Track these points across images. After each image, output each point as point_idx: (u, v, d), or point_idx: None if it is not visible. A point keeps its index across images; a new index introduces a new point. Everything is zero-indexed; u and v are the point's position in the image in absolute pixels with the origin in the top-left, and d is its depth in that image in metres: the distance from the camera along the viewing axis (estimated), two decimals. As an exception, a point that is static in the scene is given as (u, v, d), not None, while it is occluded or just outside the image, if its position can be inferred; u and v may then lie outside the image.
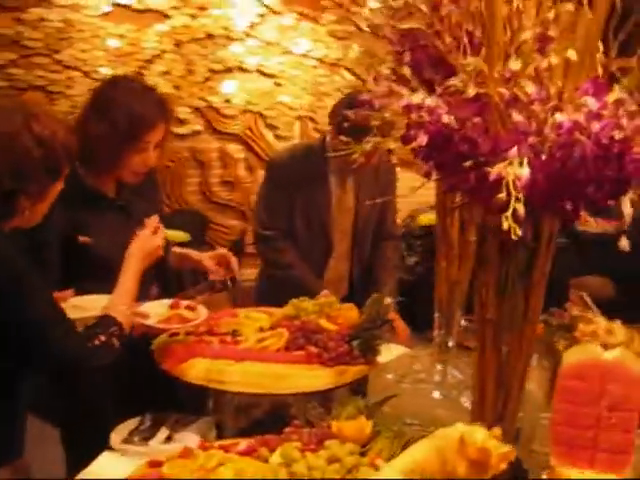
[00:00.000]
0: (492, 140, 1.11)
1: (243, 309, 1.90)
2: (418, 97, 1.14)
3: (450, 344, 1.69)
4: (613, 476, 0.93)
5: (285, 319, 1.71)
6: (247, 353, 1.59)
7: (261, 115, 4.29)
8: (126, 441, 1.56)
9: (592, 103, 1.00)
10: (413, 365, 1.76)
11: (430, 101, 1.15)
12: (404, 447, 1.29)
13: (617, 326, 1.49)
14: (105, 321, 1.48)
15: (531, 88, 1.07)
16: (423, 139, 1.16)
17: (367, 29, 1.34)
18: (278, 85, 4.29)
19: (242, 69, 4.16)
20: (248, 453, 1.31)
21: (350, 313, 1.72)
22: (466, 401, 1.61)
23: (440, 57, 1.41)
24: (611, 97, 1.00)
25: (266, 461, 1.27)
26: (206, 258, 1.94)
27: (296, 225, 2.38)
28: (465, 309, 1.73)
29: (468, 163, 1.14)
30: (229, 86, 4.08)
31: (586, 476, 0.93)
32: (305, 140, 4.35)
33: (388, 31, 1.52)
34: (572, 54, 1.02)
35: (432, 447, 0.97)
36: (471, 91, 1.06)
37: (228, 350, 1.61)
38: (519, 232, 0.93)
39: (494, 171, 1.02)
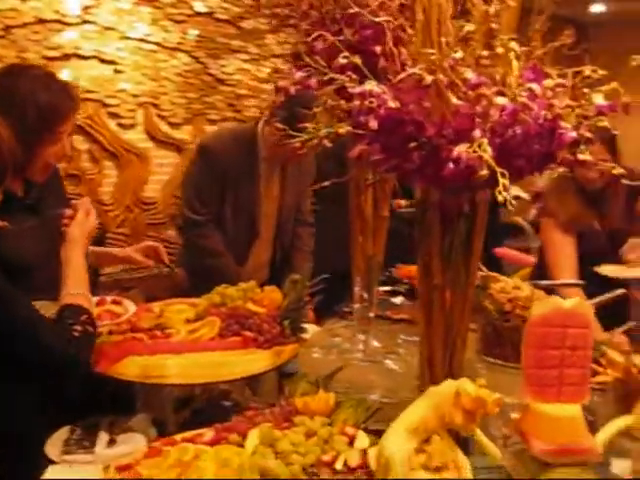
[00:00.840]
0: (437, 123, 1.21)
1: (156, 303, 1.86)
2: (370, 84, 1.21)
3: (371, 315, 1.80)
4: (577, 406, 1.09)
5: (211, 307, 1.71)
6: (183, 345, 1.58)
7: (102, 104, 4.10)
8: (67, 452, 1.49)
9: (536, 88, 1.13)
10: (334, 339, 1.85)
11: (378, 89, 1.22)
12: (368, 414, 1.39)
13: (521, 283, 1.68)
14: (72, 311, 1.41)
15: (470, 74, 1.18)
16: (374, 124, 1.24)
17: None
18: (118, 72, 4.12)
19: (79, 56, 3.93)
20: (217, 442, 1.32)
21: (273, 295, 1.76)
22: (391, 364, 1.73)
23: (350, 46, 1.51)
24: (549, 82, 1.15)
25: (241, 446, 1.29)
26: (133, 252, 1.89)
27: (225, 211, 2.39)
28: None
29: (413, 145, 1.24)
30: (66, 74, 3.85)
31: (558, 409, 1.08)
32: (234, 125, 4.31)
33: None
34: (514, 46, 1.15)
35: (429, 405, 1.06)
36: (428, 79, 1.14)
37: (162, 345, 1.58)
38: (506, 196, 1.02)
39: (457, 151, 1.13)
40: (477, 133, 1.11)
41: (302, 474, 1.17)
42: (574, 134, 1.20)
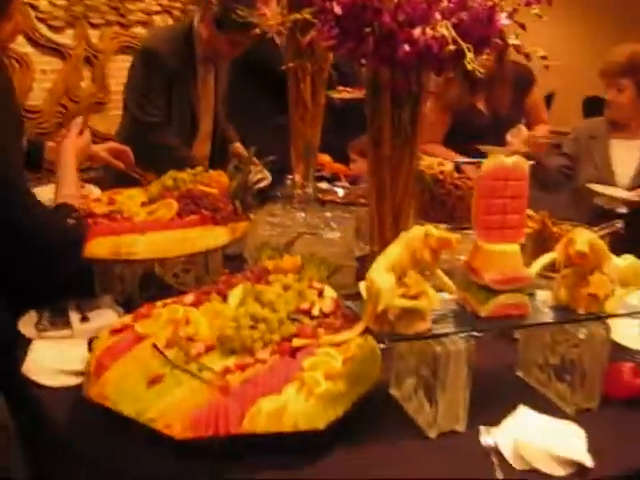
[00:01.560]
0: (392, 10, 1.37)
1: (103, 192, 1.93)
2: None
3: (309, 192, 1.96)
4: (517, 245, 1.33)
5: (165, 191, 1.80)
6: (147, 225, 1.68)
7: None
8: (43, 330, 1.57)
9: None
10: (274, 219, 2.00)
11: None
12: (329, 271, 1.58)
13: (443, 160, 1.90)
14: (64, 209, 1.49)
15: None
16: (338, 9, 1.38)
17: None
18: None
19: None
20: (200, 302, 1.46)
21: (221, 178, 1.88)
22: (329, 234, 1.92)
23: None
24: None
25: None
26: (101, 150, 1.93)
27: (171, 110, 2.44)
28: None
29: (368, 29, 1.40)
30: None
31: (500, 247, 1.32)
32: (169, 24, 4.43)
33: None
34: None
35: (402, 245, 1.26)
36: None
37: (127, 226, 1.67)
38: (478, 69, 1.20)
39: (417, 33, 1.29)
40: (437, 16, 1.28)
41: (287, 320, 1.35)
42: (508, 21, 1.40)
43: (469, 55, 1.24)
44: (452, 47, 1.25)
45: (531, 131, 2.93)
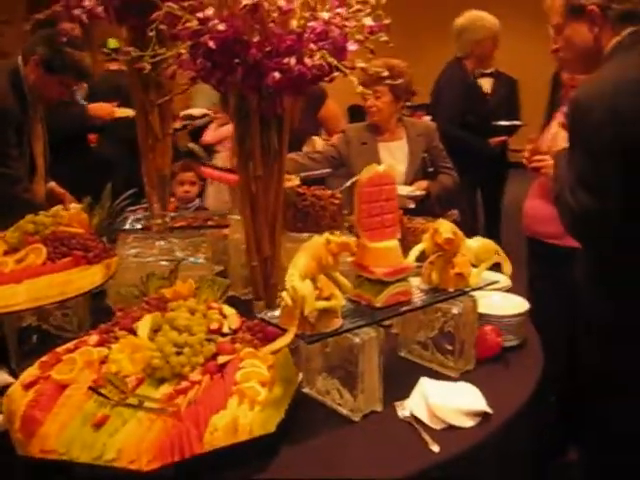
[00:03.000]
0: (259, 43, 1.50)
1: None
2: (210, 10, 1.43)
3: (167, 220, 2.01)
4: (395, 241, 1.53)
5: (27, 236, 1.73)
6: (19, 274, 1.61)
7: None
8: None
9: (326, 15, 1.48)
10: (133, 250, 2.01)
11: (211, 13, 1.45)
12: (222, 290, 1.66)
13: (289, 176, 2.06)
14: None
15: (282, 2, 1.48)
16: (212, 44, 1.47)
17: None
18: None
19: None
20: (107, 341, 1.46)
21: (80, 217, 1.85)
22: (194, 260, 1.98)
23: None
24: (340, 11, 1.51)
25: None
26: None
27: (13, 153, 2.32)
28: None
29: (238, 60, 1.51)
30: None
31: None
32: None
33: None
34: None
35: (308, 254, 1.39)
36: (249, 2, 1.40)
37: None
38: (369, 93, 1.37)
39: (291, 62, 1.43)
40: (313, 46, 1.44)
41: (204, 341, 1.42)
42: (355, 46, 1.60)
43: (352, 78, 1.41)
44: (336, 73, 1.41)
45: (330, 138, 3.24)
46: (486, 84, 4.48)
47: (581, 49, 1.85)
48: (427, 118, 4.46)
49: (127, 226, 2.09)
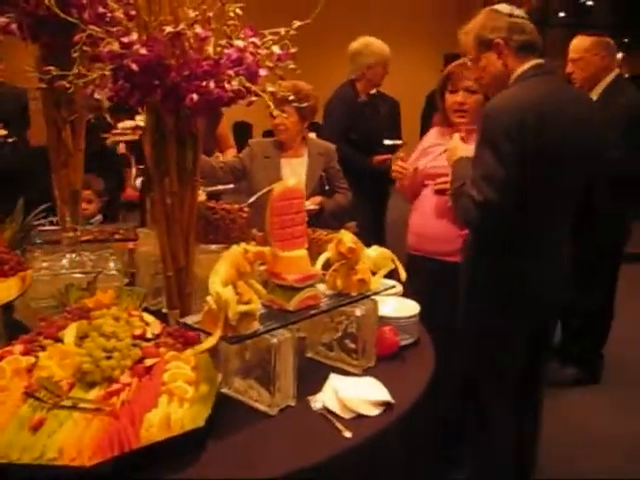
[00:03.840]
0: (178, 66, 1.61)
1: None
2: (134, 34, 1.53)
3: (78, 234, 2.06)
4: (304, 250, 1.69)
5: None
6: None
7: None
8: None
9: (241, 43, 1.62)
10: (44, 263, 2.05)
11: (135, 38, 1.56)
12: (140, 299, 1.75)
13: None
14: None
15: (199, 30, 1.61)
16: (135, 66, 1.57)
17: None
18: None
19: None
20: (32, 350, 1.51)
21: (-8, 232, 1.88)
22: (105, 269, 2.05)
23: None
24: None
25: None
26: None
27: None
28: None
29: (157, 82, 1.62)
30: None
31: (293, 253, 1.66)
32: None
33: None
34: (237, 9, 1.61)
35: (228, 263, 1.51)
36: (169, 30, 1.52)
37: None
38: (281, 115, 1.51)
39: (212, 85, 1.56)
40: (231, 72, 1.57)
41: (131, 346, 1.51)
42: (266, 71, 1.75)
43: (270, 103, 1.55)
44: (253, 97, 1.54)
45: (222, 155, 3.38)
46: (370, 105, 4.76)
47: (494, 74, 2.31)
48: (312, 135, 4.67)
49: (37, 240, 2.12)
